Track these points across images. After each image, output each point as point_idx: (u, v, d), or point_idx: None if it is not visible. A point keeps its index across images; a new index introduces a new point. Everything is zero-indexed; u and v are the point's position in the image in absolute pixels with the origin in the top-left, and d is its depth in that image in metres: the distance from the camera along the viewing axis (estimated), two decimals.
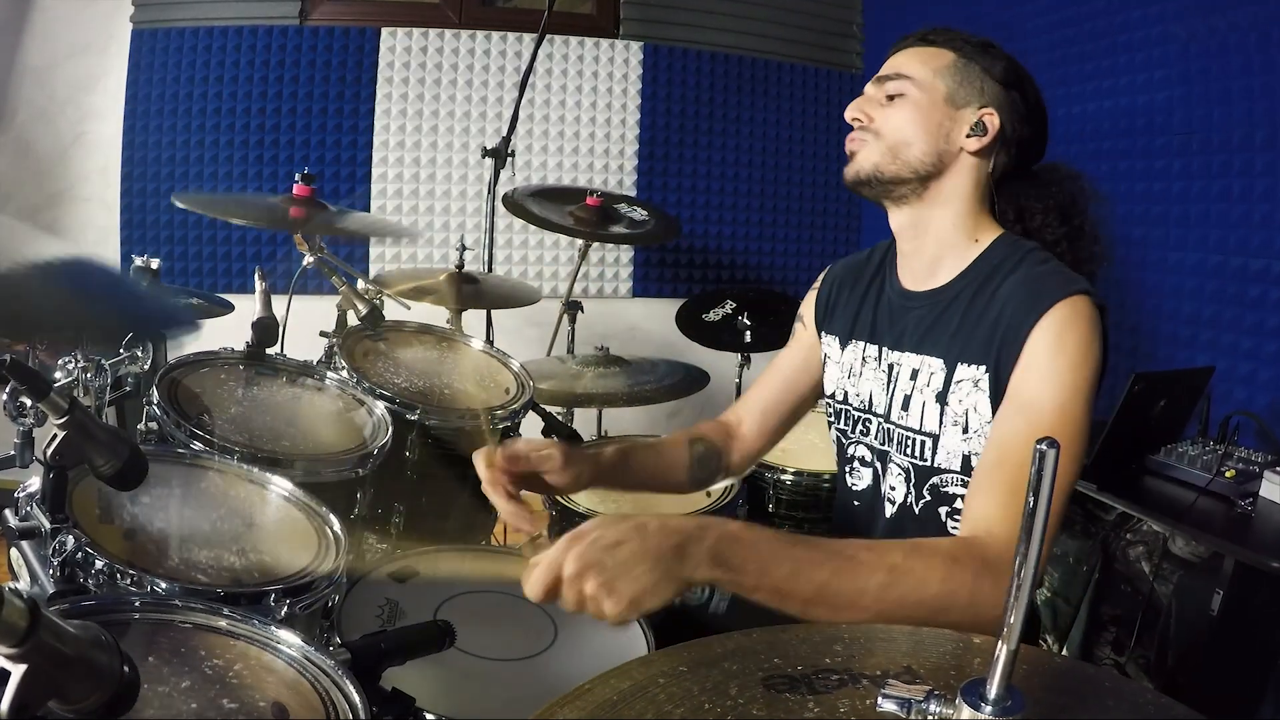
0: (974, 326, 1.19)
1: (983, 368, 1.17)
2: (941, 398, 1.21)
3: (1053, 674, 0.74)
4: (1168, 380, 2.05)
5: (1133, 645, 1.89)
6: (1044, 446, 0.56)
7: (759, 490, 2.03)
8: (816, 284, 1.51)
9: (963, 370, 1.19)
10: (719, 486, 1.95)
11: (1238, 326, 2.20)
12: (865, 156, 1.27)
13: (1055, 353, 1.10)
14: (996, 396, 1.16)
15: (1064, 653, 2.01)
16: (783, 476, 2.12)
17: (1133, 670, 1.88)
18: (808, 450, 2.20)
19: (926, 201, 1.27)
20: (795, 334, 1.53)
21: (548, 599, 0.87)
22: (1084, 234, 1.30)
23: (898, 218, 1.31)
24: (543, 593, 0.87)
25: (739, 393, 2.87)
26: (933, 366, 1.24)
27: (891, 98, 1.26)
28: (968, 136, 1.24)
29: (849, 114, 1.29)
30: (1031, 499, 0.57)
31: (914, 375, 1.26)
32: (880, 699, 0.62)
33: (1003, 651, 0.57)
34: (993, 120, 1.23)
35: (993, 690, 0.58)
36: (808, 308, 1.52)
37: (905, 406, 1.27)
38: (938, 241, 1.28)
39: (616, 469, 1.34)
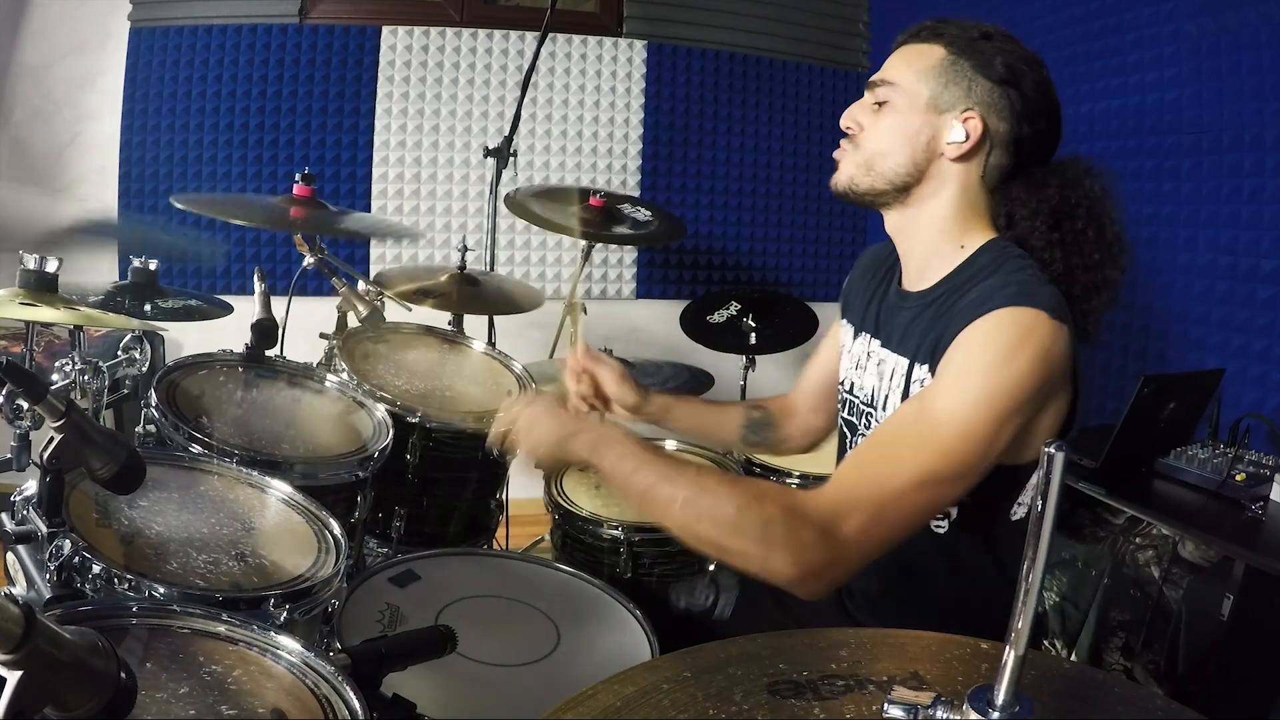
0: (934, 329, 1.18)
1: (925, 367, 1.17)
2: (904, 398, 1.22)
3: (1061, 679, 0.74)
4: (1177, 382, 2.03)
5: (1142, 650, 1.88)
6: (1051, 449, 0.55)
7: None
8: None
9: (917, 371, 1.20)
10: None
11: (1248, 328, 2.19)
12: (843, 170, 1.27)
13: (971, 355, 1.08)
14: None
15: (1072, 658, 1.99)
16: (787, 479, 2.11)
17: (1142, 675, 1.87)
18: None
19: (911, 208, 1.25)
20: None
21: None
22: (1086, 239, 1.22)
23: (888, 222, 1.31)
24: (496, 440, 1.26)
25: (744, 395, 2.86)
26: (901, 367, 1.24)
27: (880, 104, 1.24)
28: (949, 143, 1.20)
29: (842, 122, 1.28)
30: (1039, 502, 0.56)
31: (892, 375, 1.27)
32: (886, 705, 0.61)
33: (1010, 657, 0.56)
34: (975, 126, 1.18)
35: (1000, 696, 0.57)
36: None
37: (885, 406, 1.27)
38: (924, 247, 1.27)
39: (671, 407, 1.54)
